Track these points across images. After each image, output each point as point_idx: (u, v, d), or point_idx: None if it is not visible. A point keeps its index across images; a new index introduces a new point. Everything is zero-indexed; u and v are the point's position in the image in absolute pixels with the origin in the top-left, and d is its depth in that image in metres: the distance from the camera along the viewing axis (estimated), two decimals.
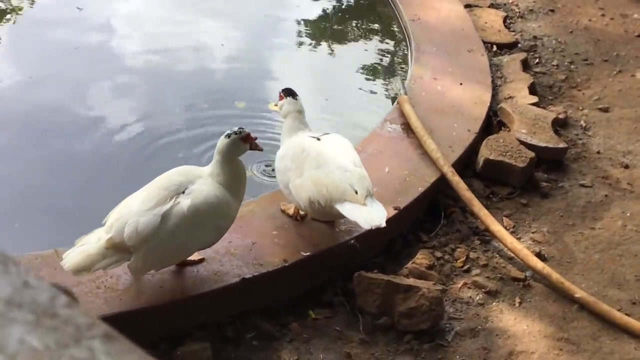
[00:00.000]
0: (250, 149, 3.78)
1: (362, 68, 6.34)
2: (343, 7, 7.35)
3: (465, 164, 5.19)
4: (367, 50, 6.64)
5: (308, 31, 6.82)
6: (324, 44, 6.63)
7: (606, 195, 5.16)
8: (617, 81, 6.53)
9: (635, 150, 5.66)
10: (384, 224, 3.77)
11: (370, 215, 3.79)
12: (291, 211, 4.34)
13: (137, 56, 6.06)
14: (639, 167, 5.50)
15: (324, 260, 4.19)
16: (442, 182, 4.88)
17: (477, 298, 4.30)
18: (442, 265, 4.48)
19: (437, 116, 5.40)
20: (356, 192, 3.87)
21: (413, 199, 4.63)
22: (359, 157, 4.11)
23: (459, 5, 7.04)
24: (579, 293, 4.28)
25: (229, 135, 3.72)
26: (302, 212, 4.31)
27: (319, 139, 4.17)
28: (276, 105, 4.37)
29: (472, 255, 4.57)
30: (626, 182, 5.32)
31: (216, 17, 6.71)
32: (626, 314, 4.25)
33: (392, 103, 5.60)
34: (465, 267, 4.48)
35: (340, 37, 6.75)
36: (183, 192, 3.68)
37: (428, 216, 4.84)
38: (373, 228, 3.76)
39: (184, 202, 3.62)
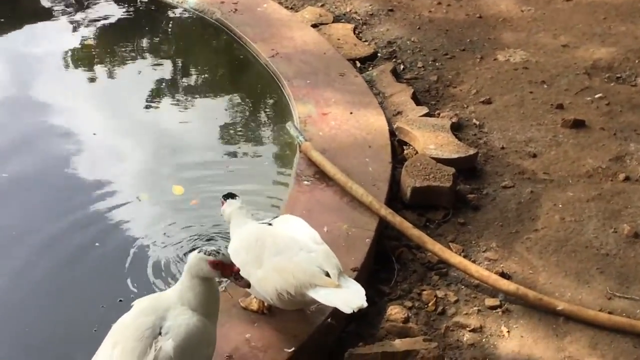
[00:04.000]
0: (223, 277, 3.34)
1: (245, 124, 5.97)
2: (191, 59, 6.94)
3: (390, 197, 4.99)
4: (239, 102, 6.28)
5: (166, 92, 6.37)
6: (191, 104, 6.20)
7: (532, 192, 5.12)
8: (484, 69, 6.55)
9: (534, 136, 5.67)
10: (365, 304, 3.50)
11: (348, 297, 3.50)
12: (255, 306, 3.98)
13: None
14: (544, 152, 5.51)
15: (309, 349, 3.87)
16: (382, 226, 4.67)
17: (466, 339, 4.12)
18: (416, 315, 4.27)
19: (344, 154, 5.16)
20: (327, 274, 3.58)
21: (365, 253, 4.38)
22: (317, 233, 3.82)
23: (308, 28, 6.82)
24: (561, 305, 4.20)
25: (199, 251, 3.31)
26: (266, 303, 3.96)
27: (270, 224, 3.84)
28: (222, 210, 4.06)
29: (439, 294, 4.39)
30: (542, 172, 5.31)
31: None
32: (609, 312, 4.21)
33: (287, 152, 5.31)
34: (440, 309, 4.29)
35: (203, 94, 6.36)
36: (160, 333, 3.25)
37: (377, 264, 4.61)
38: (355, 311, 3.48)
39: (167, 346, 3.20)
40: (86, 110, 5.87)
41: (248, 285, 3.40)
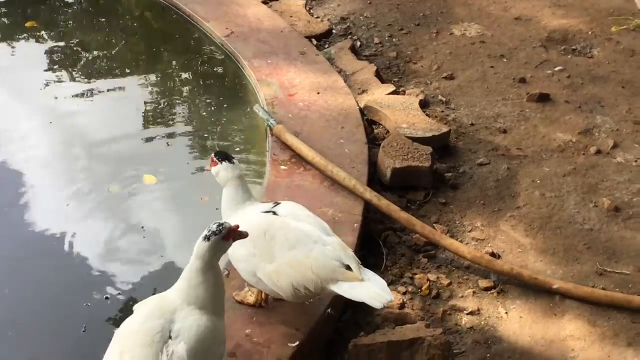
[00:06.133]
0: (234, 240, 3.19)
1: (207, 108, 5.73)
2: (140, 41, 6.63)
3: (368, 179, 4.86)
4: (198, 86, 6.03)
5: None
6: (146, 89, 5.92)
7: (508, 168, 5.08)
8: (441, 44, 6.47)
9: (502, 111, 5.63)
10: (392, 297, 3.39)
11: (375, 291, 3.37)
12: (251, 299, 3.82)
13: None
14: (514, 128, 5.48)
15: (312, 341, 3.74)
16: (368, 209, 4.55)
17: (464, 323, 4.05)
18: (411, 300, 4.18)
19: (318, 136, 5.02)
20: (347, 267, 3.44)
21: (356, 239, 4.26)
22: (326, 223, 3.66)
23: (260, 5, 6.62)
24: (556, 283, 4.17)
25: (208, 238, 3.11)
26: (263, 296, 3.80)
27: (275, 213, 3.65)
28: (208, 169, 3.76)
29: (431, 277, 4.30)
30: (515, 147, 5.28)
31: None
32: (602, 288, 4.20)
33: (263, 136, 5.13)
34: (434, 293, 4.21)
35: (157, 78, 6.08)
36: (170, 337, 3.07)
37: (364, 249, 4.49)
38: (386, 305, 3.36)
39: (179, 350, 3.03)
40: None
41: (246, 235, 3.22)
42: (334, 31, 6.59)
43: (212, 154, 3.75)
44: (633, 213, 4.71)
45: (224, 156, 3.70)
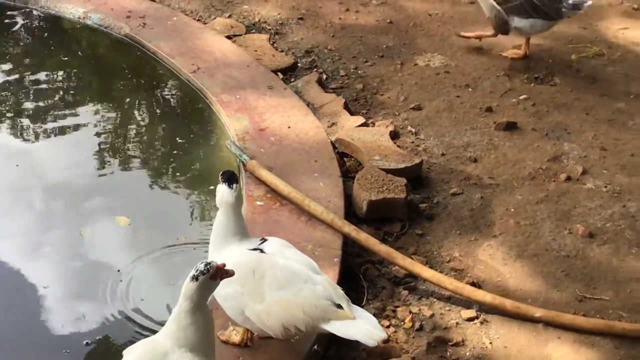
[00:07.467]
0: (221, 279, 3.16)
1: (177, 146, 5.66)
2: (104, 80, 6.55)
3: (345, 211, 4.85)
4: (166, 123, 5.97)
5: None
6: (114, 130, 5.84)
7: (481, 197, 5.11)
8: (406, 75, 6.51)
9: (471, 140, 5.67)
10: (385, 334, 3.39)
11: (367, 328, 3.39)
12: (236, 338, 3.78)
13: None
14: (484, 157, 5.52)
15: None
16: (346, 243, 4.54)
17: (449, 354, 4.05)
18: (395, 333, 4.16)
19: (292, 171, 5.01)
20: (338, 306, 3.43)
21: (337, 274, 4.24)
22: (312, 261, 3.65)
23: (224, 40, 6.59)
24: (538, 312, 4.18)
25: (196, 278, 3.07)
26: (248, 335, 3.76)
27: (262, 250, 3.61)
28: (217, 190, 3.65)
29: (413, 309, 4.30)
30: (487, 177, 5.31)
31: None
32: (583, 315, 4.23)
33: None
34: (417, 326, 4.20)
35: (126, 118, 6.01)
36: None
37: (344, 283, 4.45)
38: (379, 342, 3.35)
39: None
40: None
41: (233, 273, 3.17)
42: (299, 64, 6.58)
43: (220, 175, 3.66)
44: (607, 238, 4.77)
45: (226, 177, 3.60)
